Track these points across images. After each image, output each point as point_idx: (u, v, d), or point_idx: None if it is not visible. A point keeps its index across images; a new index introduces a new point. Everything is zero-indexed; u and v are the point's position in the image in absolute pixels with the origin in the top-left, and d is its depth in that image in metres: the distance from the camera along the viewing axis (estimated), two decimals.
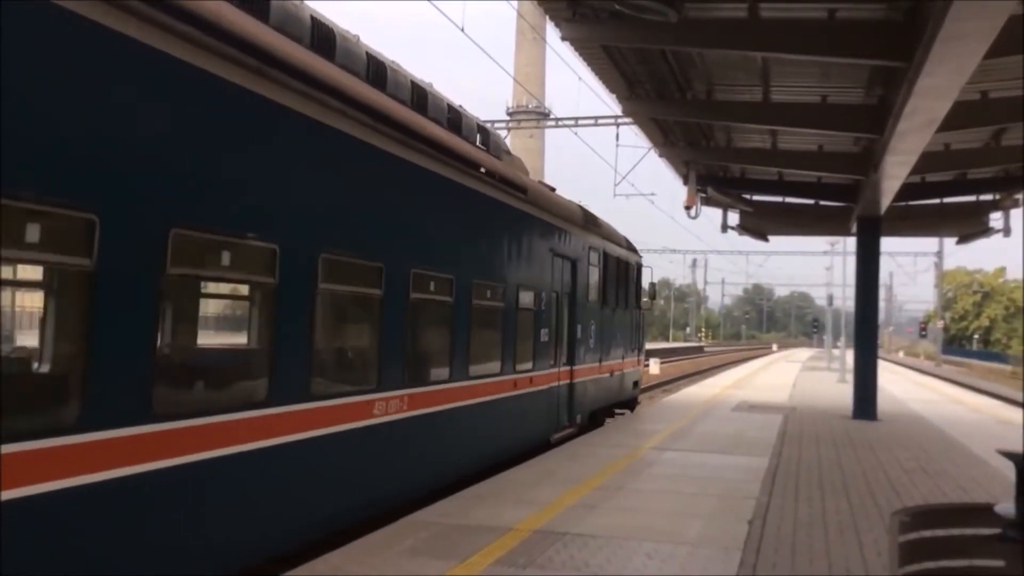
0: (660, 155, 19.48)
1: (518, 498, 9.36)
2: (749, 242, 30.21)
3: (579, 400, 15.45)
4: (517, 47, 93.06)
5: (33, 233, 4.73)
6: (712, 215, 24.30)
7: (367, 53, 8.98)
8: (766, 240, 27.60)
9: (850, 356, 25.48)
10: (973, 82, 11.47)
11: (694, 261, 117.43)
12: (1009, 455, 3.72)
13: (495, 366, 11.70)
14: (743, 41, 11.96)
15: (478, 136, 12.07)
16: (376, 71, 9.05)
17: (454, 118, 11.06)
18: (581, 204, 16.85)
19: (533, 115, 75.24)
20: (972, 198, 22.17)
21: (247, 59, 6.27)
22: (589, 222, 16.56)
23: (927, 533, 3.89)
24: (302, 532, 7.13)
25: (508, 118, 66.62)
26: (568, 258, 15.01)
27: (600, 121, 31.30)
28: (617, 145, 29.28)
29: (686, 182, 19.79)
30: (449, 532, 7.76)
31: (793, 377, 36.76)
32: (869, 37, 11.36)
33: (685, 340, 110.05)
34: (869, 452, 14.40)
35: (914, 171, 15.61)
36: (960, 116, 12.90)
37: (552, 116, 50.32)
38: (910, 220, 23.02)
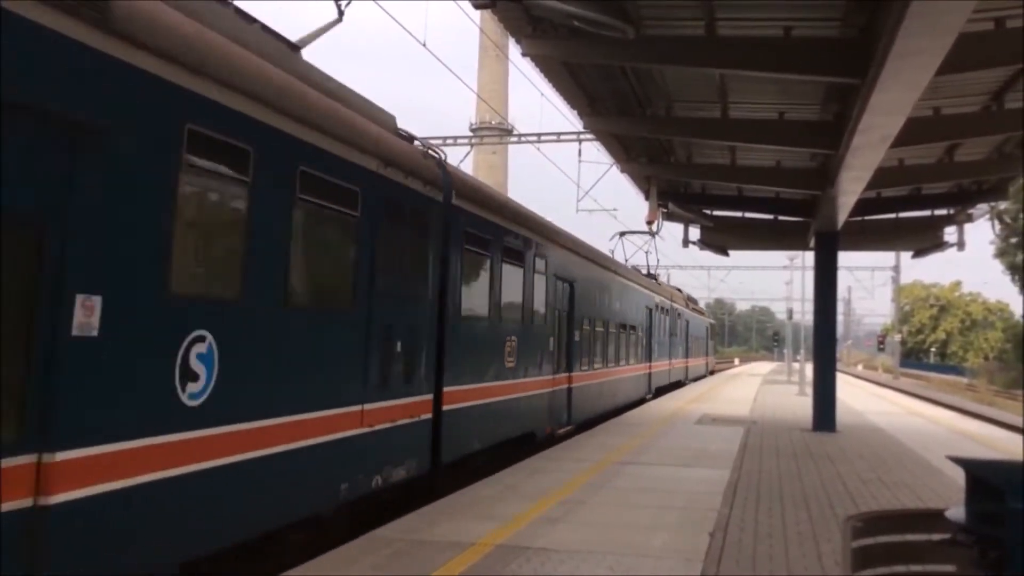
0: (622, 171, 19.66)
1: (481, 513, 9.33)
2: (711, 257, 30.75)
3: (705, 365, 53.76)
4: (480, 64, 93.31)
5: None
6: (674, 230, 24.70)
7: (689, 297, 47.53)
8: (727, 255, 27.91)
9: (810, 369, 25.78)
10: (925, 98, 11.75)
11: (656, 276, 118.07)
12: (959, 461, 3.78)
13: (697, 355, 46.84)
14: (701, 58, 12.14)
15: (687, 299, 44.30)
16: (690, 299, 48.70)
17: (692, 300, 46.22)
18: (705, 310, 60.22)
19: (496, 131, 75.41)
20: (927, 213, 22.61)
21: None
22: (706, 313, 58.93)
23: (880, 538, 3.95)
24: None
25: (471, 134, 66.58)
26: (702, 325, 49.87)
27: (563, 137, 31.49)
28: (580, 161, 29.52)
29: (648, 197, 19.97)
30: (411, 548, 7.70)
31: (754, 390, 37.07)
32: (824, 54, 11.58)
33: None
34: (828, 463, 14.56)
35: (869, 186, 15.88)
36: (914, 132, 13.16)
37: (515, 132, 50.50)
38: (867, 235, 23.41)
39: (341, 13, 9.81)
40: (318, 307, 8.01)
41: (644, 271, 32.83)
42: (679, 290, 42.50)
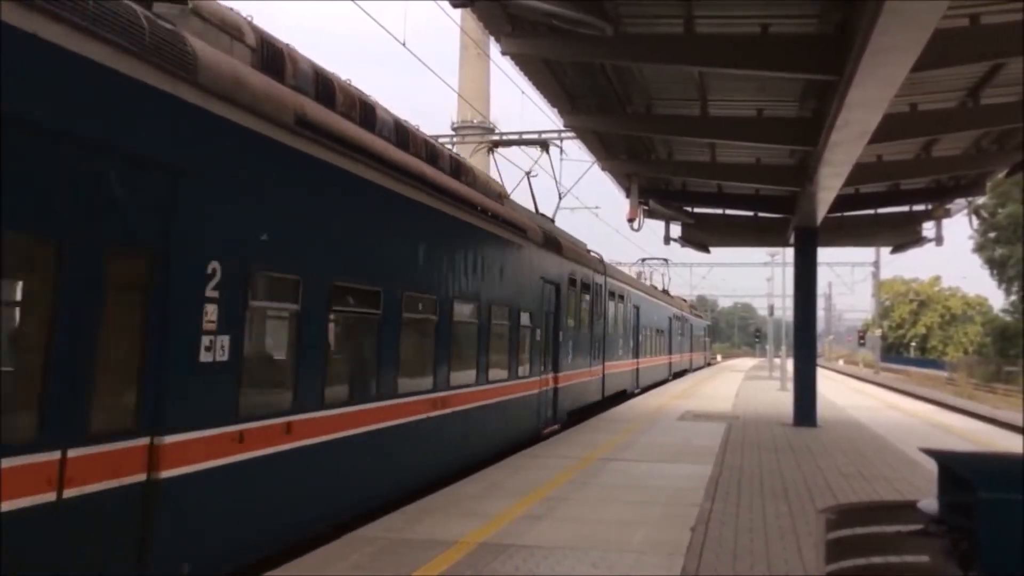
0: (603, 168, 19.68)
1: (465, 511, 9.35)
2: (692, 254, 30.64)
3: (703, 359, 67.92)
4: (461, 63, 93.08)
5: None
6: (655, 227, 24.69)
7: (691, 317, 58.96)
8: (708, 251, 27.96)
9: (791, 365, 25.90)
10: (902, 95, 11.83)
11: (639, 274, 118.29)
12: (930, 452, 3.82)
13: (698, 350, 61.41)
14: (680, 55, 12.16)
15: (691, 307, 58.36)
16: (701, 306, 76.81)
17: (694, 307, 61.25)
18: (698, 311, 68.57)
19: (478, 130, 75.32)
20: (905, 208, 22.76)
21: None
22: (700, 311, 70.60)
23: (853, 530, 3.98)
24: None
25: (453, 133, 66.42)
26: (702, 326, 64.86)
27: (544, 135, 31.46)
28: (561, 159, 29.71)
29: (628, 195, 20.02)
30: (394, 546, 7.71)
31: (736, 386, 37.23)
32: (801, 51, 11.62)
33: None
34: (809, 458, 14.67)
35: (848, 182, 15.98)
36: (891, 128, 13.26)
37: (497, 131, 50.40)
38: (846, 231, 23.56)
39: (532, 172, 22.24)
40: (586, 330, 20.84)
41: (658, 287, 45.17)
42: (685, 300, 56.04)
